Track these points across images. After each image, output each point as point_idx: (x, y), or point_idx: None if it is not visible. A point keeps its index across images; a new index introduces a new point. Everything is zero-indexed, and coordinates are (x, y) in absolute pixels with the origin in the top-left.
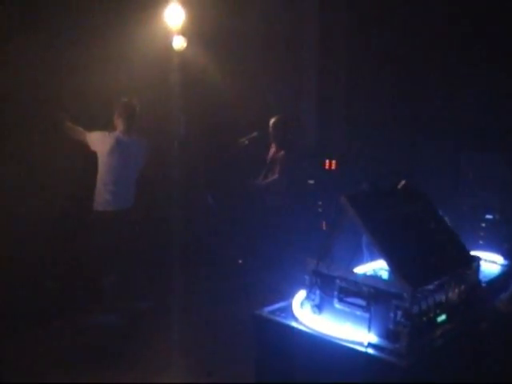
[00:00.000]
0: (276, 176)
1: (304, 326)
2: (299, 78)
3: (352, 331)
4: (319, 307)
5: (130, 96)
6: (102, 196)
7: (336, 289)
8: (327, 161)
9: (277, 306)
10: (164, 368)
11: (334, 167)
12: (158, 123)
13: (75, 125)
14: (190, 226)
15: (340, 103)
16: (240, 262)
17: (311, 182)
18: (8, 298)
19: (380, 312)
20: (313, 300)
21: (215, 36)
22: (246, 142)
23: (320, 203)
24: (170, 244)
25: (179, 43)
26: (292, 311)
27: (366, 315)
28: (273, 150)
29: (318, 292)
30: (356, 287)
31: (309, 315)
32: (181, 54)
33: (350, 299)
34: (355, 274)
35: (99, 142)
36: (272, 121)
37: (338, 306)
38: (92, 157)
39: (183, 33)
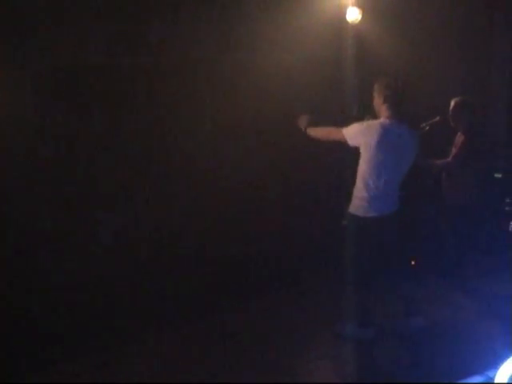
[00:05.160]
0: (448, 159)
1: None
2: (490, 57)
3: None
4: None
5: (393, 74)
6: (362, 198)
7: None
8: None
9: (471, 380)
10: None
11: None
12: (329, 102)
13: (321, 124)
14: None
15: None
16: (413, 263)
17: (498, 175)
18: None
19: None
20: None
21: (394, 7)
22: (427, 127)
23: (508, 200)
24: None
25: (354, 15)
26: None
27: None
28: (460, 139)
29: None
30: None
31: None
32: (355, 27)
33: None
34: None
35: (361, 134)
36: (452, 103)
37: None
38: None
39: (358, 3)
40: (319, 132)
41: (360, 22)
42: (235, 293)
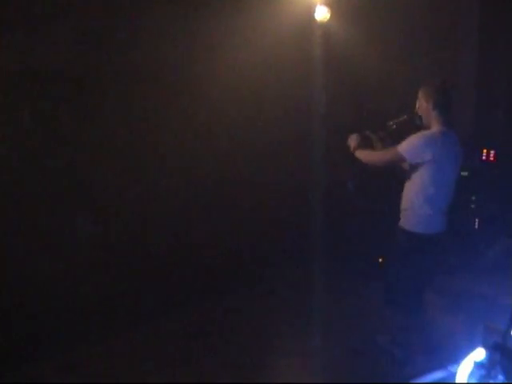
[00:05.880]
0: None
1: None
2: (456, 55)
3: None
4: None
5: (440, 77)
6: (424, 215)
7: None
8: (485, 150)
9: (430, 377)
10: None
11: (492, 158)
12: (297, 103)
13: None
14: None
15: (502, 84)
16: (380, 260)
17: (464, 174)
18: None
19: None
20: None
21: (362, 6)
22: (394, 125)
23: (473, 198)
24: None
25: (322, 14)
26: None
27: None
28: None
29: (500, 377)
30: None
31: None
32: (324, 26)
33: None
34: None
35: (426, 147)
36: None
37: None
38: None
39: (327, 2)
40: (372, 156)
41: (329, 20)
42: (202, 291)
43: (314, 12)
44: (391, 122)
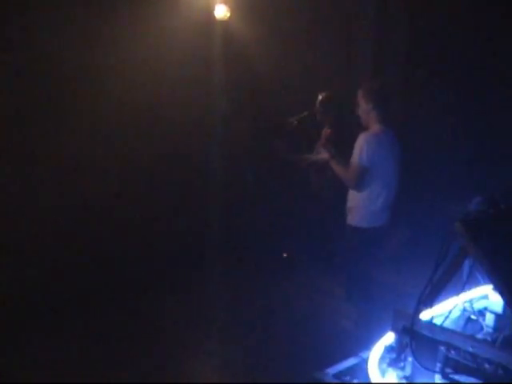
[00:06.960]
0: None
1: None
2: (352, 51)
3: None
4: (410, 379)
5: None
6: (371, 210)
7: (440, 359)
8: None
9: (344, 365)
10: None
11: None
12: (197, 99)
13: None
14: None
15: (396, 77)
16: (285, 255)
17: None
18: None
19: None
20: (401, 369)
21: (261, 5)
22: (296, 122)
23: None
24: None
25: (222, 12)
26: (368, 378)
27: None
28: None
29: (410, 359)
30: (473, 362)
31: None
32: (223, 24)
33: (461, 377)
34: (475, 341)
35: (375, 150)
36: (319, 98)
37: None
38: None
39: (226, 1)
40: (344, 175)
41: (229, 18)
42: (114, 293)
43: (213, 10)
44: (292, 119)
